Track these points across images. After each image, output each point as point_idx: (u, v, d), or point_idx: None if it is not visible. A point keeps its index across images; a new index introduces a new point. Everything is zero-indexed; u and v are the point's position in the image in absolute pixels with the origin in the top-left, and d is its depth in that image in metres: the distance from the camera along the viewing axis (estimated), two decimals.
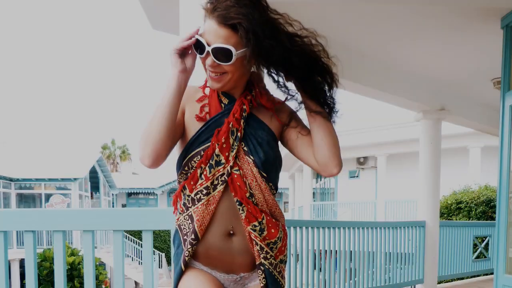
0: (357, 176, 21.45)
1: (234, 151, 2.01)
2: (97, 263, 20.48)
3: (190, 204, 2.04)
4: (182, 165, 2.06)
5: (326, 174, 2.09)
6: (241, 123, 2.03)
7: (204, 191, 2.00)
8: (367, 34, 5.84)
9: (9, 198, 25.27)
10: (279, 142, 2.18)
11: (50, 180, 25.68)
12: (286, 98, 2.10)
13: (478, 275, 10.14)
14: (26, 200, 26.98)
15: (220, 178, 2.00)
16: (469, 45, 6.09)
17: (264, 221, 2.04)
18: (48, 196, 26.01)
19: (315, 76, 2.03)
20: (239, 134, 2.01)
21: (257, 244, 2.03)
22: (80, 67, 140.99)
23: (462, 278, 9.82)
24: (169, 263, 28.90)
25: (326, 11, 5.16)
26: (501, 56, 4.86)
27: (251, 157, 2.03)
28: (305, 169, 19.92)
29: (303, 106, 2.08)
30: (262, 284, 2.07)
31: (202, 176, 2.01)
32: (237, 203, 2.00)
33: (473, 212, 11.48)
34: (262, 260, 2.05)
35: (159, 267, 26.68)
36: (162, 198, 36.26)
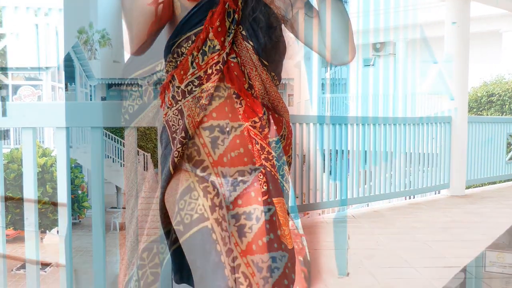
0: (373, 65, 21.33)
1: (231, 35, 1.96)
2: (73, 165, 20.67)
3: (180, 97, 2.01)
4: (171, 52, 2.03)
5: (336, 62, 2.07)
6: (239, 3, 1.97)
7: (196, 82, 1.97)
8: None
9: None
10: (283, 26, 2.14)
11: (17, 69, 25.54)
12: None
13: None
14: None
15: (215, 66, 1.96)
16: None
17: (265, 117, 2.01)
18: (15, 88, 25.96)
19: None
20: (236, 16, 1.96)
21: (257, 143, 2.01)
22: None
23: (494, 183, 9.89)
24: (155, 165, 29.25)
25: None
26: None
27: (250, 42, 1.99)
28: (312, 57, 19.82)
29: None
30: (263, 189, 2.03)
31: (194, 64, 1.97)
32: (234, 95, 1.98)
33: (506, 106, 11.51)
34: (263, 162, 2.02)
35: (144, 170, 26.88)
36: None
